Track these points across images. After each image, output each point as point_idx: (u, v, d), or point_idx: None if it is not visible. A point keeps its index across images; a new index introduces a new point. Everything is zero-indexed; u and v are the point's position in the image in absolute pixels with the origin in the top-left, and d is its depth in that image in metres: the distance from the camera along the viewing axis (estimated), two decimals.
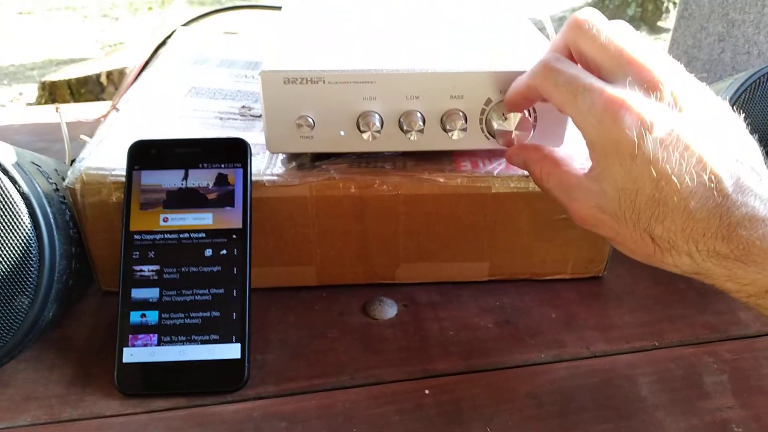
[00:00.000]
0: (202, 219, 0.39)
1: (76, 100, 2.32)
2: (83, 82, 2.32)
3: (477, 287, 0.47)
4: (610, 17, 0.35)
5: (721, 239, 0.30)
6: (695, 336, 0.43)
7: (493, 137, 0.40)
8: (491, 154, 0.44)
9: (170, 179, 0.40)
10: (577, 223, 0.35)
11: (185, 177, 0.40)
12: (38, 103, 2.43)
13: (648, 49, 0.33)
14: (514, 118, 0.39)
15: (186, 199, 0.39)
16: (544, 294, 0.46)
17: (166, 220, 0.39)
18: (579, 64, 0.35)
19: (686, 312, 0.45)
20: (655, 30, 3.37)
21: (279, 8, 0.54)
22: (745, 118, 0.46)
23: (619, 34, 0.33)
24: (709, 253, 0.31)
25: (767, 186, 0.31)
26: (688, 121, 0.31)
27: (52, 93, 2.35)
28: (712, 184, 0.30)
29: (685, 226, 0.31)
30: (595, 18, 0.34)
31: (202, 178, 0.40)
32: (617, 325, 0.44)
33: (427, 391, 0.38)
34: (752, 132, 0.34)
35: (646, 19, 3.45)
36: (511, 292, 0.46)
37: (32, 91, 2.70)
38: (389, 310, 0.44)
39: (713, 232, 0.30)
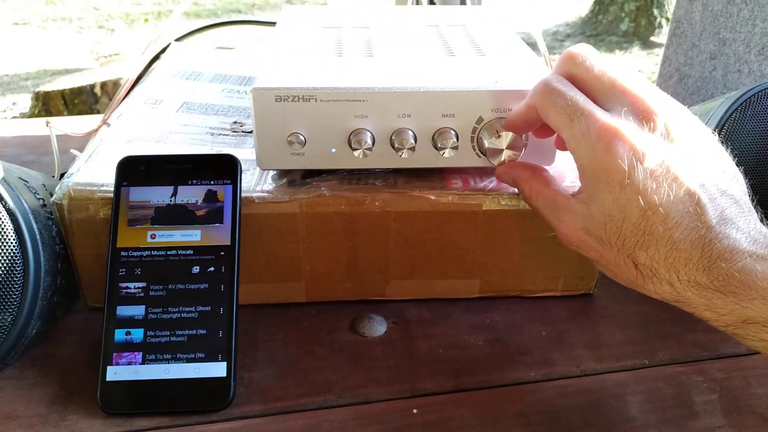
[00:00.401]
0: (190, 236, 0.39)
1: (69, 111, 2.32)
2: (77, 92, 2.32)
3: (468, 304, 0.46)
4: (604, 32, 0.36)
5: (702, 270, 0.31)
6: (685, 354, 0.43)
7: (485, 155, 0.40)
8: (482, 172, 0.44)
9: (159, 195, 0.39)
10: (563, 243, 0.36)
11: (174, 194, 0.39)
12: (32, 113, 2.42)
13: (641, 81, 0.34)
14: (506, 136, 0.39)
15: (175, 215, 0.39)
16: (534, 311, 0.46)
17: (153, 236, 0.39)
18: None
19: (677, 330, 0.45)
20: (648, 45, 3.40)
21: (273, 24, 0.54)
22: (737, 137, 0.46)
23: (612, 66, 0.34)
24: (689, 283, 0.31)
25: (749, 219, 0.32)
26: (678, 153, 0.32)
27: (45, 103, 2.35)
28: (697, 216, 0.31)
29: (669, 255, 0.31)
30: (588, 52, 0.35)
31: (191, 194, 0.39)
32: (607, 343, 0.44)
33: (414, 411, 0.38)
34: (740, 160, 0.34)
35: (639, 34, 3.48)
36: (502, 310, 0.46)
37: (26, 101, 2.70)
38: (378, 327, 0.44)
39: (695, 262, 0.31)
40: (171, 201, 0.39)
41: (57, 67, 3.12)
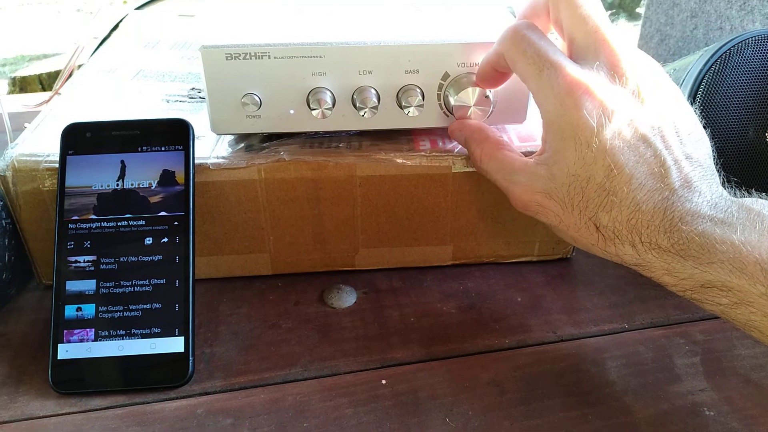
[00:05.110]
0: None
1: None
2: (54, 76, 2.27)
3: (440, 272, 0.45)
4: None
5: (663, 233, 0.30)
6: (666, 317, 0.42)
7: (452, 114, 0.38)
8: None
9: (106, 168, 0.37)
10: (517, 208, 0.35)
11: (123, 164, 0.37)
12: None
13: (621, 36, 0.32)
14: (473, 92, 0.37)
15: (124, 191, 0.37)
16: (509, 277, 0.44)
17: None
18: (553, 27, 0.35)
19: (657, 292, 0.43)
20: (633, 16, 3.36)
21: None
22: (716, 91, 0.44)
23: (600, 11, 0.33)
24: (651, 245, 0.31)
25: (712, 183, 0.31)
26: (647, 113, 0.31)
27: (23, 88, 2.30)
28: (661, 178, 0.30)
29: (631, 217, 0.31)
30: None
31: (141, 163, 0.37)
32: (585, 307, 0.42)
33: (384, 381, 0.36)
34: (720, 114, 0.33)
35: (625, 6, 3.45)
36: (476, 276, 0.44)
37: (3, 86, 2.64)
38: (348, 297, 0.42)
39: (656, 225, 0.30)
40: (119, 174, 0.37)
41: (35, 52, 3.05)
